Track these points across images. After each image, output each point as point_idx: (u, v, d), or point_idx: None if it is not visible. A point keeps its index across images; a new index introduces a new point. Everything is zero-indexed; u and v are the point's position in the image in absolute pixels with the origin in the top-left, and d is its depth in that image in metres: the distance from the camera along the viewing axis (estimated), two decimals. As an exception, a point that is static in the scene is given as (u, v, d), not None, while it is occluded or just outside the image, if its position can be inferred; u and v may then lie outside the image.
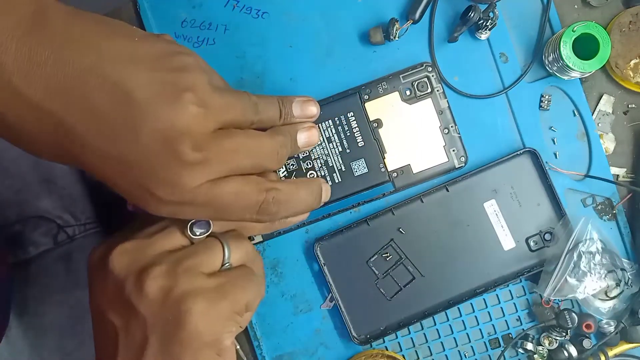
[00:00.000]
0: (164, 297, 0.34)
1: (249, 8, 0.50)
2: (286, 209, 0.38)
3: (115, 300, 0.35)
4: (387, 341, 0.51)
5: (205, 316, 0.34)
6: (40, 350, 0.57)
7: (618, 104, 0.51)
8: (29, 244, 0.60)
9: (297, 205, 0.39)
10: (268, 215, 0.37)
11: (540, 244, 0.50)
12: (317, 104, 0.43)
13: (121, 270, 0.35)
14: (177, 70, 0.32)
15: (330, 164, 0.49)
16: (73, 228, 0.63)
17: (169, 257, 0.35)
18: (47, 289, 0.59)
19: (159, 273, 0.34)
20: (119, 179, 0.32)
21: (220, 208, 0.34)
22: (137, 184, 0.32)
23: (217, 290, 0.35)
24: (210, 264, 0.36)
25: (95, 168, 0.32)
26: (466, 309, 0.51)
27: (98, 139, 0.31)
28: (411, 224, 0.50)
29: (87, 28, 0.31)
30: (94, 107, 0.30)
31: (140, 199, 0.33)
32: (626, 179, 0.51)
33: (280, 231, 0.50)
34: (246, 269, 0.38)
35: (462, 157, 0.49)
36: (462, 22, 0.47)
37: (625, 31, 0.49)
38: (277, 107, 0.40)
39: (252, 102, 0.37)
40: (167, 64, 0.32)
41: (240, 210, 0.35)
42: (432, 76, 0.49)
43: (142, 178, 0.32)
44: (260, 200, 0.35)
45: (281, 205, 0.37)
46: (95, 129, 0.30)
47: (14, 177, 0.58)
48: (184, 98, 0.31)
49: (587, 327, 0.48)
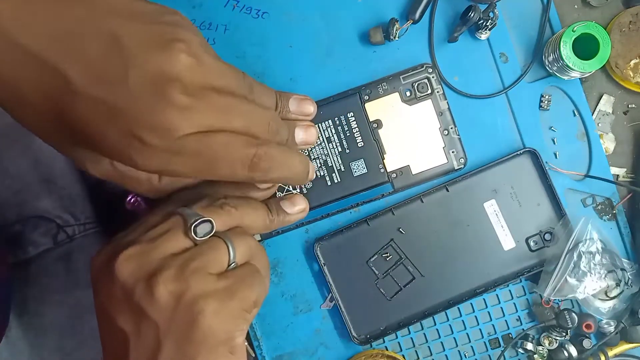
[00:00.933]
0: (176, 301, 0.34)
1: (249, 8, 0.50)
2: (278, 169, 0.37)
3: (124, 307, 0.35)
4: (387, 341, 0.51)
5: (217, 316, 0.34)
6: (40, 350, 0.57)
7: (618, 104, 0.51)
8: (29, 244, 0.60)
9: (288, 168, 0.38)
10: (260, 172, 0.36)
11: (540, 244, 0.50)
12: (315, 103, 0.43)
13: (129, 277, 0.35)
14: (170, 24, 0.32)
15: (330, 164, 0.49)
16: (73, 228, 0.63)
17: (175, 260, 0.35)
18: (47, 289, 0.59)
19: (168, 278, 0.34)
20: (108, 128, 0.31)
21: (210, 159, 0.34)
22: (125, 132, 0.31)
23: (227, 290, 0.35)
24: (217, 264, 0.36)
25: (85, 119, 0.32)
26: (466, 309, 0.51)
27: (90, 85, 0.31)
28: (411, 224, 0.50)
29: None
30: (87, 54, 0.31)
31: (129, 148, 0.32)
32: (626, 179, 0.51)
33: (279, 231, 0.50)
34: (252, 266, 0.38)
35: (462, 159, 0.49)
36: (462, 22, 0.47)
37: (625, 31, 0.49)
38: (273, 97, 0.40)
39: (246, 81, 0.36)
40: (161, 19, 0.32)
41: (231, 163, 0.35)
42: (432, 77, 0.49)
43: (131, 124, 0.31)
44: (252, 153, 0.35)
45: (273, 163, 0.36)
46: (88, 75, 0.31)
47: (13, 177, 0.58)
48: (175, 46, 0.31)
49: (587, 327, 0.48)
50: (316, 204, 0.49)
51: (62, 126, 0.32)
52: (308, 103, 0.43)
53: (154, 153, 0.32)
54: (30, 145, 0.59)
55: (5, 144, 0.58)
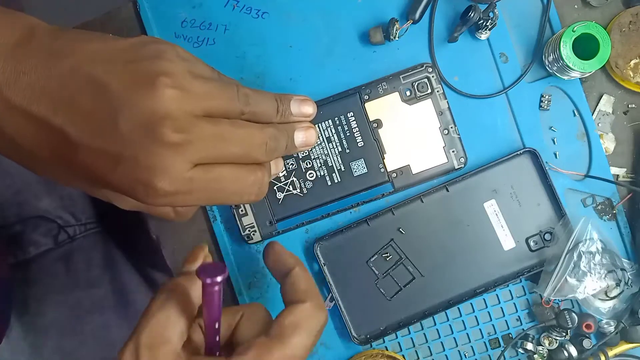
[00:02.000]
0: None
1: (249, 8, 0.50)
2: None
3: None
4: (387, 341, 0.51)
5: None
6: (41, 350, 0.57)
7: (618, 104, 0.51)
8: (30, 244, 0.60)
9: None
10: (264, 190, 0.37)
11: (540, 244, 0.50)
12: (314, 104, 0.43)
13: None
14: (151, 57, 0.32)
15: (330, 164, 0.49)
16: (74, 228, 0.63)
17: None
18: (48, 289, 0.59)
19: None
20: (112, 175, 0.32)
21: (217, 190, 0.34)
22: (129, 177, 0.32)
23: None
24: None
25: (90, 169, 0.32)
26: (466, 309, 0.51)
27: (87, 137, 0.31)
28: (411, 224, 0.50)
29: (69, 38, 0.32)
30: (78, 105, 0.31)
31: (135, 192, 0.32)
32: (626, 179, 0.51)
33: (280, 230, 0.50)
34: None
35: (462, 158, 0.49)
36: (462, 22, 0.47)
37: (625, 31, 0.49)
38: (273, 102, 0.40)
39: (241, 92, 0.36)
40: (141, 53, 0.32)
41: (240, 192, 0.35)
42: (432, 77, 0.49)
43: (133, 169, 0.31)
44: (257, 179, 0.36)
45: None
46: (82, 126, 0.31)
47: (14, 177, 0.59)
48: (159, 82, 0.31)
49: (587, 327, 0.48)
50: (316, 204, 0.49)
51: (76, 174, 0.33)
52: (308, 104, 0.43)
53: (160, 193, 0.32)
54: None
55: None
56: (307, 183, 0.49)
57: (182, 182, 0.32)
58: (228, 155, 0.34)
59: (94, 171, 0.32)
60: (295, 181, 0.49)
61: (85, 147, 0.31)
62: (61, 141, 0.32)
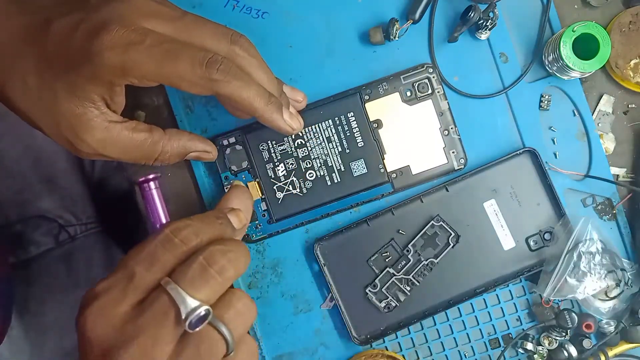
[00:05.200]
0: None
1: (249, 8, 0.50)
2: (236, 78, 0.37)
3: None
4: (387, 341, 0.51)
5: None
6: (42, 350, 0.57)
7: (618, 104, 0.51)
8: (30, 244, 0.60)
9: (247, 83, 0.38)
10: (218, 74, 0.36)
11: (540, 244, 0.50)
12: (305, 96, 0.46)
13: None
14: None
15: (330, 164, 0.49)
16: (74, 227, 0.63)
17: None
18: (48, 288, 0.59)
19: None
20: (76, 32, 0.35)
21: (170, 50, 0.35)
22: (85, 27, 0.35)
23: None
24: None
25: (62, 41, 0.36)
26: (466, 309, 0.51)
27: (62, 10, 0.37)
28: (411, 224, 0.50)
29: None
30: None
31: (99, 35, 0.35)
32: (626, 179, 0.51)
33: (279, 230, 0.50)
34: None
35: (462, 159, 0.49)
36: (462, 22, 0.47)
37: (625, 31, 0.49)
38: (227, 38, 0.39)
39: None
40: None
41: (191, 58, 0.36)
42: (433, 77, 0.49)
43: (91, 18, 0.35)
44: (209, 54, 0.36)
45: (230, 70, 0.37)
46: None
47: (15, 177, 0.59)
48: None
49: (587, 327, 0.48)
50: (316, 204, 0.49)
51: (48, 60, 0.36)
52: (298, 91, 0.46)
53: (115, 37, 0.34)
54: (32, 145, 0.59)
55: (6, 144, 0.58)
56: (307, 183, 0.49)
57: (137, 32, 0.35)
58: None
59: (65, 41, 0.35)
60: (295, 181, 0.49)
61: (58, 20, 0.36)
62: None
